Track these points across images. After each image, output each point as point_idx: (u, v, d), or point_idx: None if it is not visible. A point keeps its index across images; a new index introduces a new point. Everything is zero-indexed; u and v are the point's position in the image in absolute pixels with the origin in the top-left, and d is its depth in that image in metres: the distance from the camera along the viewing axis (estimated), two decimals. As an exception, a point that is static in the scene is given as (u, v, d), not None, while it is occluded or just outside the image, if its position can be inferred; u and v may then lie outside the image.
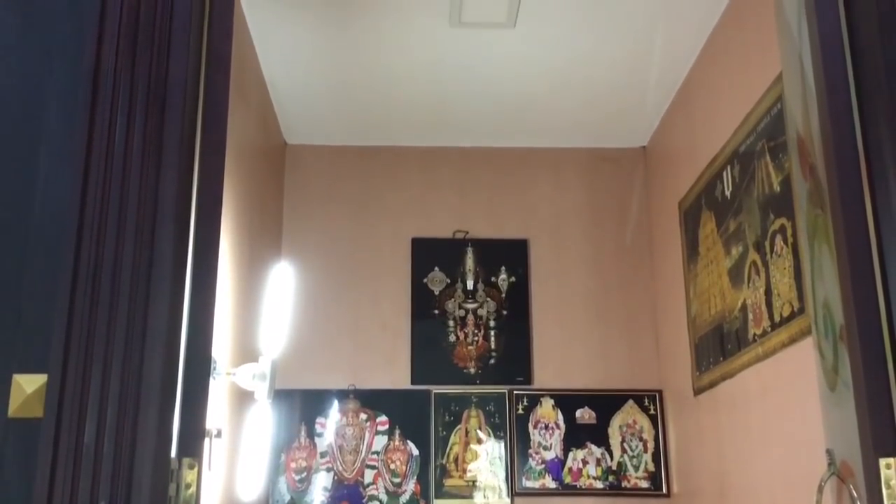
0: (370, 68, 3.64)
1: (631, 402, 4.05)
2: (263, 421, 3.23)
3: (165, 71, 1.45)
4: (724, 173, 3.17)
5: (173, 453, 1.36)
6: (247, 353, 3.03)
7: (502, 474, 3.96)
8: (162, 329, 1.38)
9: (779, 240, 2.67)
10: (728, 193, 3.14)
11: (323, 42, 3.45)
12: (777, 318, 2.68)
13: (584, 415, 4.04)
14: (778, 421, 2.72)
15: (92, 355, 1.34)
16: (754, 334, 2.86)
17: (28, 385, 1.32)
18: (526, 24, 3.31)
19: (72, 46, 1.48)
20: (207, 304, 1.49)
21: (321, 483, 3.90)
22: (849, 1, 1.72)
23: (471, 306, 4.18)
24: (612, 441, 4.00)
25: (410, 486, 3.93)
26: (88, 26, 1.46)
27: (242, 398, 3.02)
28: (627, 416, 4.04)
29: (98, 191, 1.38)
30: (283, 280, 2.93)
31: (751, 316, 2.90)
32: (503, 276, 4.22)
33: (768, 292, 2.75)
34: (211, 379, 1.57)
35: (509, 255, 4.24)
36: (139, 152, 1.40)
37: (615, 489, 3.95)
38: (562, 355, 4.12)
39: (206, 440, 1.48)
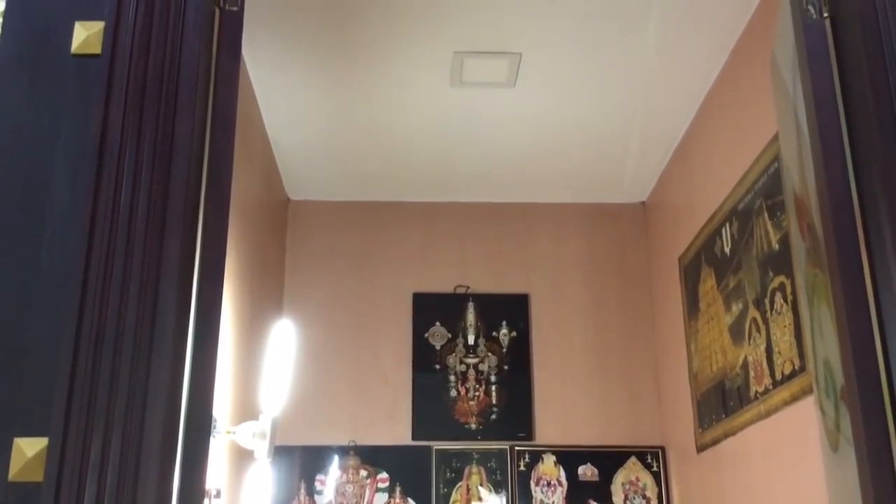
0: (372, 125, 3.69)
1: (633, 458, 4.02)
2: (263, 480, 3.20)
3: (171, 134, 1.47)
4: (723, 230, 3.19)
5: (173, 515, 1.36)
6: (247, 410, 3.02)
7: (504, 533, 3.91)
8: (163, 391, 1.38)
9: (778, 297, 2.68)
10: (727, 250, 3.16)
11: (326, 99, 3.51)
12: (778, 376, 2.67)
13: (587, 472, 4.01)
14: (781, 480, 2.70)
15: (93, 418, 1.34)
16: (756, 392, 2.85)
17: (29, 449, 1.32)
18: (526, 83, 3.36)
19: (79, 109, 1.51)
20: (209, 365, 1.49)
21: (321, 542, 3.85)
22: (842, 63, 1.75)
23: (472, 361, 4.17)
24: (615, 499, 3.96)
25: (411, 544, 3.88)
26: (96, 90, 1.49)
27: (242, 456, 3.00)
28: (630, 474, 4.00)
29: (102, 253, 1.39)
30: (284, 336, 2.93)
31: (752, 373, 2.89)
32: (504, 330, 4.22)
33: (769, 350, 2.75)
34: (211, 438, 1.57)
35: (510, 309, 4.24)
36: (144, 214, 1.41)
37: (618, 548, 3.91)
38: (564, 410, 4.10)
39: (206, 500, 1.48)
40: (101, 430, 1.34)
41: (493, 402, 4.11)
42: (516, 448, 4.02)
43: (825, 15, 1.76)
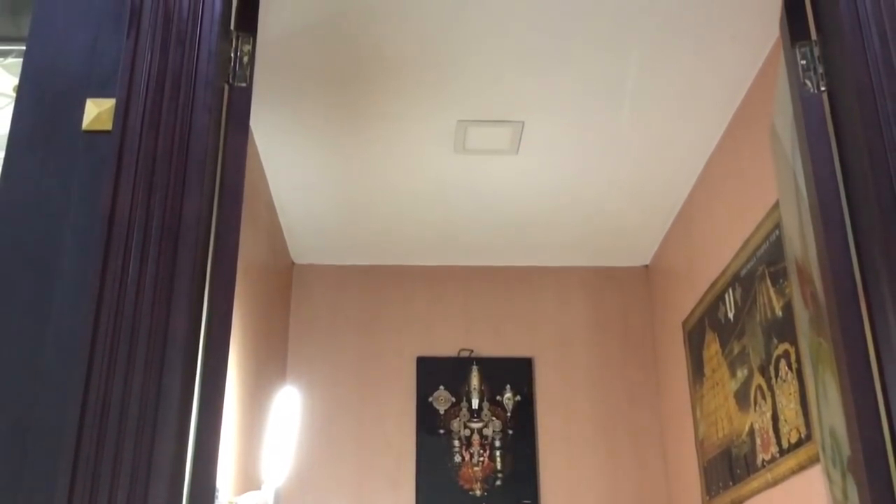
0: (377, 191, 3.73)
1: (640, 526, 3.97)
2: (265, 548, 3.16)
3: (179, 209, 1.49)
4: (727, 295, 3.20)
5: (174, 592, 1.35)
6: (249, 480, 3.00)
7: None
8: (167, 464, 1.38)
9: (783, 365, 2.67)
10: (731, 316, 3.16)
11: (331, 165, 3.55)
12: (785, 445, 2.65)
13: (593, 539, 3.96)
14: (790, 550, 2.66)
15: (98, 492, 1.33)
16: (763, 460, 2.83)
17: (32, 524, 1.31)
18: (528, 150, 3.40)
19: (89, 185, 1.53)
20: (212, 438, 1.49)
21: None
22: (840, 135, 1.77)
23: (476, 425, 4.14)
24: (621, 567, 3.90)
25: None
26: (106, 165, 1.52)
27: (244, 525, 2.97)
28: (637, 541, 3.94)
29: (109, 327, 1.40)
30: (287, 404, 2.92)
31: (758, 441, 2.87)
32: (508, 394, 4.20)
33: (775, 417, 2.73)
34: (213, 509, 1.56)
35: (514, 373, 4.23)
36: (150, 290, 1.43)
37: None
38: (569, 476, 4.05)
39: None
40: (105, 502, 1.33)
41: (498, 467, 4.07)
42: (521, 515, 3.97)
43: (822, 88, 1.80)
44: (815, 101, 1.79)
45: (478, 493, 4.02)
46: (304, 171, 3.58)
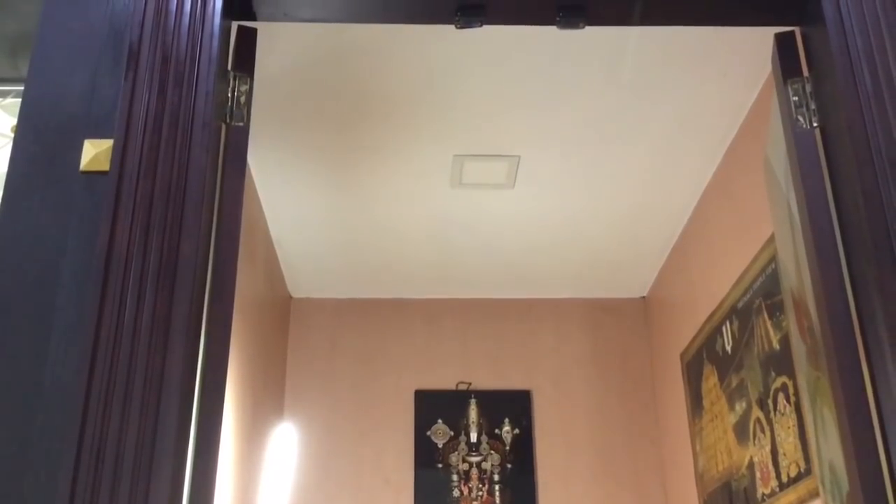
0: (374, 225, 3.74)
1: (641, 561, 3.93)
2: (262, 586, 3.13)
3: (176, 250, 1.49)
4: (724, 328, 3.20)
5: None
6: (247, 516, 2.98)
7: None
8: (163, 507, 1.38)
9: (781, 398, 2.67)
10: (729, 348, 3.16)
11: (328, 200, 3.56)
12: (784, 479, 2.64)
13: (593, 574, 3.92)
14: (792, 586, 2.64)
15: (92, 536, 1.33)
16: (763, 494, 2.81)
17: (26, 569, 1.30)
18: (525, 183, 3.42)
19: (86, 225, 1.53)
20: (208, 481, 1.48)
21: None
22: (833, 172, 1.78)
23: (475, 459, 4.12)
24: None
25: None
26: (103, 206, 1.52)
27: (241, 563, 2.94)
28: (638, 576, 3.91)
29: (105, 369, 1.40)
30: (285, 441, 2.91)
31: (758, 474, 2.86)
32: (507, 427, 4.18)
33: (774, 451, 2.72)
34: (210, 548, 1.55)
35: (512, 406, 4.21)
36: (147, 330, 1.43)
37: None
38: (569, 510, 4.03)
39: None
40: (99, 548, 1.33)
41: (497, 501, 4.05)
42: (521, 550, 3.94)
43: (815, 124, 1.81)
44: (808, 137, 1.80)
45: (477, 527, 3.99)
46: (301, 206, 3.59)
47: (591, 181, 3.44)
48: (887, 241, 1.62)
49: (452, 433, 4.16)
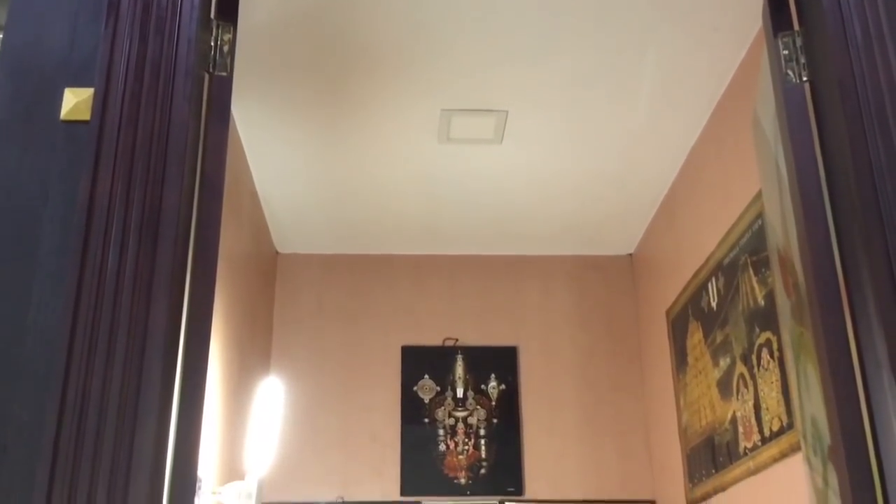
0: (361, 180, 3.71)
1: (624, 513, 3.99)
2: (249, 538, 3.15)
3: (159, 200, 1.48)
4: (710, 284, 3.21)
5: (156, 583, 1.34)
6: (233, 470, 2.99)
7: (494, 590, 3.86)
8: (148, 457, 1.37)
9: (765, 354, 2.69)
10: (714, 305, 3.17)
11: (315, 155, 3.53)
12: (767, 433, 2.67)
13: (577, 526, 3.98)
14: (772, 538, 2.68)
15: (77, 485, 1.33)
16: (745, 448, 2.85)
17: (11, 518, 1.31)
18: (513, 139, 3.40)
19: (68, 175, 1.51)
20: (194, 430, 1.48)
21: None
22: (822, 126, 1.78)
23: (461, 414, 4.15)
24: (605, 554, 3.92)
25: None
26: (85, 156, 1.50)
27: (228, 515, 2.96)
28: (621, 528, 3.97)
29: (88, 318, 1.39)
30: (271, 395, 2.91)
31: (741, 429, 2.89)
32: (493, 383, 4.21)
33: (757, 406, 2.75)
34: (196, 499, 1.56)
35: (499, 362, 4.23)
36: (130, 281, 1.41)
37: None
38: (553, 464, 4.07)
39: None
40: (84, 495, 1.32)
41: (483, 456, 4.08)
42: (506, 503, 3.99)
43: (804, 79, 1.79)
44: (798, 91, 1.79)
45: (462, 481, 4.03)
46: (287, 161, 3.56)
47: (579, 137, 3.42)
48: (874, 196, 1.62)
49: (439, 389, 4.18)
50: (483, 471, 4.05)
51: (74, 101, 1.56)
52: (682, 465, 3.54)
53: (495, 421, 4.14)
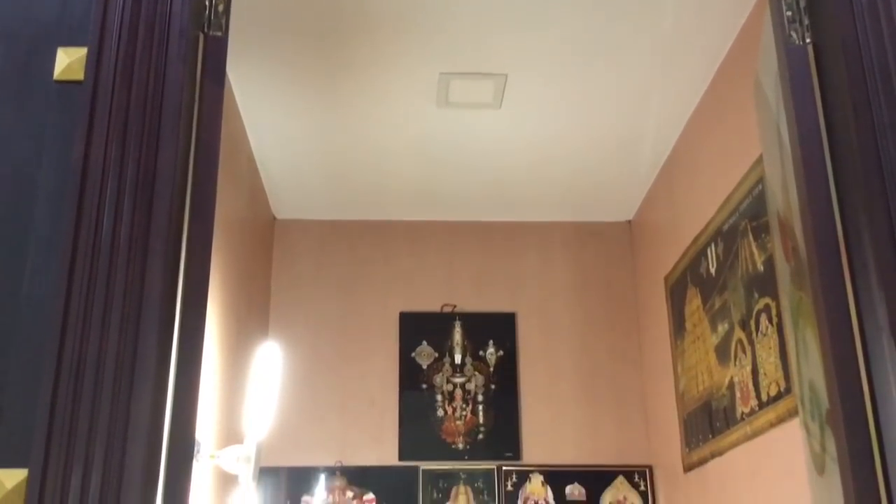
0: (359, 145, 3.69)
1: (621, 477, 4.01)
2: None
3: (154, 163, 1.46)
4: (709, 250, 3.20)
5: (154, 545, 1.34)
6: (231, 434, 3.00)
7: (491, 554, 3.90)
8: (145, 421, 1.37)
9: (763, 319, 2.68)
10: (713, 270, 3.17)
11: (312, 119, 3.51)
12: (764, 398, 2.67)
13: (574, 491, 4.00)
14: (767, 502, 2.69)
15: (74, 449, 1.32)
16: (742, 413, 2.85)
17: (8, 480, 1.30)
18: (512, 104, 3.37)
19: (61, 136, 1.50)
20: (191, 392, 1.48)
21: (306, 564, 3.82)
22: (824, 88, 1.75)
23: (459, 380, 4.16)
24: (602, 518, 3.95)
25: (397, 566, 3.86)
26: (78, 116, 1.48)
27: (226, 480, 2.98)
28: (618, 493, 3.99)
29: (84, 281, 1.38)
30: (269, 359, 2.91)
31: (738, 394, 2.89)
32: (491, 349, 4.21)
33: (755, 371, 2.75)
34: (194, 463, 1.56)
35: (497, 328, 4.24)
36: (126, 244, 1.40)
37: (606, 568, 3.89)
38: (551, 430, 4.09)
39: (189, 529, 1.46)
40: (81, 459, 1.32)
41: (481, 421, 4.10)
42: (504, 468, 4.01)
43: (808, 40, 1.77)
44: (800, 53, 1.76)
45: (460, 446, 4.05)
46: (285, 125, 3.54)
47: (578, 102, 3.39)
48: (876, 160, 1.61)
49: (437, 355, 4.19)
50: (481, 436, 4.07)
51: (67, 61, 1.54)
52: (679, 430, 3.55)
53: (493, 387, 4.15)
